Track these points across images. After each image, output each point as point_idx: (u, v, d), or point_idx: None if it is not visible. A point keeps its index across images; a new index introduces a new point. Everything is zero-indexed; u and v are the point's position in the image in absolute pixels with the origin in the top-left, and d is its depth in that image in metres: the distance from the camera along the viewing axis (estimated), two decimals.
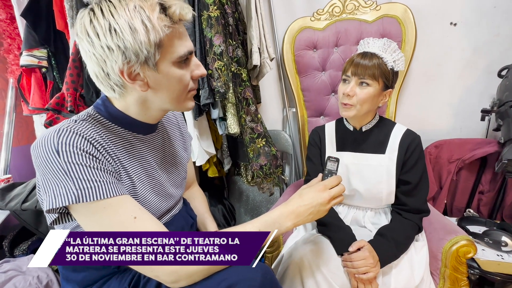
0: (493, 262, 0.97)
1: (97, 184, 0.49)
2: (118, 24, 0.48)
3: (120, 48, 0.48)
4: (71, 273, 0.63)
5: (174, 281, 0.51)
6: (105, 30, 0.48)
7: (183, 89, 0.57)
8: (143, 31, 0.48)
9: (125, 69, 0.50)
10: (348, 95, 0.82)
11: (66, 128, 0.50)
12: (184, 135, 0.81)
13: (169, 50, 0.52)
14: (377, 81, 0.81)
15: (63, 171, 0.48)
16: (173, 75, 0.54)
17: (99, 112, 0.58)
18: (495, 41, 1.23)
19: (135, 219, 0.51)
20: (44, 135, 0.50)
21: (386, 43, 0.83)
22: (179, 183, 0.74)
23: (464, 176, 1.31)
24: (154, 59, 0.51)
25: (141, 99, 0.56)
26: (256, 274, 0.52)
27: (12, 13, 1.44)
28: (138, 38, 0.48)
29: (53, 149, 0.48)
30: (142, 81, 0.53)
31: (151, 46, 0.49)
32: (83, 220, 0.51)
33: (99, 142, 0.53)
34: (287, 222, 0.57)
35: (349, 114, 0.85)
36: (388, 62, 0.81)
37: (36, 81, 1.38)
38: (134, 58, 0.49)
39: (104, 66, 0.51)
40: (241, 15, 1.33)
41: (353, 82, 0.82)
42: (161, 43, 0.50)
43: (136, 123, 0.60)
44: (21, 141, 1.73)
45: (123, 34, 0.48)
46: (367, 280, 0.73)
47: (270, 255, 1.01)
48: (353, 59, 0.83)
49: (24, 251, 1.27)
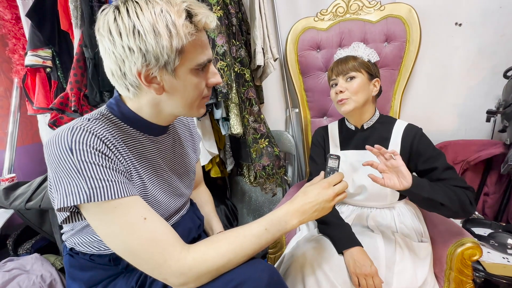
0: (498, 265, 0.95)
1: (109, 183, 0.49)
2: (142, 26, 0.47)
3: (141, 50, 0.48)
4: (78, 272, 0.64)
5: (183, 283, 0.51)
6: (128, 31, 0.48)
7: (198, 96, 0.57)
8: (167, 36, 0.48)
9: (143, 71, 0.50)
10: (340, 92, 0.89)
11: (80, 127, 0.50)
12: (194, 136, 0.82)
13: (189, 57, 0.52)
14: (360, 72, 0.89)
15: (76, 170, 0.48)
16: (190, 82, 0.54)
17: (112, 112, 0.59)
18: (500, 42, 1.22)
19: (145, 220, 0.51)
20: (57, 133, 0.50)
21: (355, 45, 0.94)
22: (188, 184, 0.74)
23: (469, 177, 1.29)
24: (173, 65, 0.51)
25: (155, 101, 0.56)
26: (262, 274, 0.52)
27: (18, 14, 1.45)
28: (161, 42, 0.48)
29: (66, 147, 0.48)
30: (158, 84, 0.53)
31: (173, 52, 0.49)
32: (93, 219, 0.51)
33: (111, 142, 0.53)
34: (293, 220, 0.57)
35: (348, 107, 0.89)
36: (363, 56, 0.91)
37: (40, 81, 1.39)
38: (154, 61, 0.49)
39: (122, 65, 0.51)
40: (245, 15, 1.33)
41: (340, 80, 0.90)
42: (182, 49, 0.50)
43: (148, 125, 0.61)
44: (26, 141, 1.74)
45: (146, 37, 0.47)
46: (369, 274, 0.73)
47: (273, 256, 1.01)
48: (332, 66, 0.93)
49: (28, 250, 1.28)
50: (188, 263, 0.50)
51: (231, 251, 0.52)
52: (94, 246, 0.60)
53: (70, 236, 0.62)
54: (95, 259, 0.61)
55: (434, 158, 0.83)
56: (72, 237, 0.62)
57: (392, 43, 1.21)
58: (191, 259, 0.50)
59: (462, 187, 0.78)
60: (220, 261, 0.51)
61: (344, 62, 0.90)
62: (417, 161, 0.86)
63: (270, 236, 0.55)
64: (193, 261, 0.50)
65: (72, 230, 0.61)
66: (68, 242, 0.64)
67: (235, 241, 0.53)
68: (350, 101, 0.88)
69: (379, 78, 0.93)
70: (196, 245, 0.53)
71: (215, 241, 0.53)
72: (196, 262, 0.50)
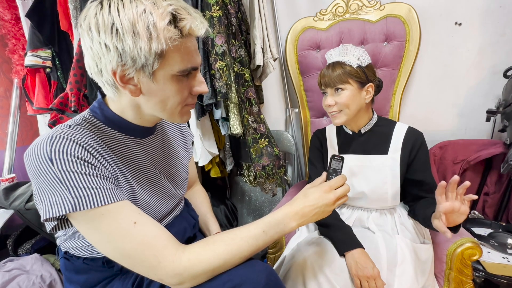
0: (498, 265, 0.95)
1: (93, 191, 0.48)
2: (122, 24, 0.45)
3: (117, 49, 0.46)
4: (74, 275, 0.63)
5: (178, 283, 0.50)
6: (106, 27, 0.45)
7: (179, 103, 0.54)
8: (146, 38, 0.45)
9: (118, 70, 0.48)
10: (329, 105, 0.87)
11: (59, 135, 0.48)
12: (185, 134, 0.80)
13: (170, 62, 0.49)
14: (348, 83, 0.84)
15: (58, 180, 0.47)
16: (170, 88, 0.51)
17: (95, 116, 0.57)
18: (500, 41, 1.22)
19: (135, 224, 0.50)
20: (36, 143, 0.48)
21: (343, 47, 0.88)
22: (180, 184, 0.73)
23: (469, 177, 1.29)
24: (151, 68, 0.48)
25: (134, 103, 0.55)
26: (260, 275, 0.51)
27: (17, 14, 1.45)
28: (139, 44, 0.45)
29: (46, 158, 0.46)
30: (135, 86, 0.51)
31: (151, 55, 0.47)
32: (82, 227, 0.50)
33: (94, 148, 0.52)
34: (292, 223, 0.56)
35: (340, 120, 0.88)
36: (352, 62, 0.84)
37: (40, 81, 1.39)
38: (131, 62, 0.47)
39: (99, 62, 0.49)
40: (244, 15, 1.33)
41: (329, 92, 0.88)
42: (163, 54, 0.47)
43: (133, 127, 0.59)
44: (25, 141, 1.74)
45: (124, 36, 0.45)
46: (371, 276, 0.73)
47: (273, 256, 1.01)
48: (322, 73, 0.89)
49: (27, 250, 1.28)
50: (183, 264, 0.49)
51: (227, 252, 0.51)
52: (87, 250, 0.60)
53: (63, 241, 0.62)
54: (88, 263, 0.61)
55: (427, 171, 0.87)
56: (65, 242, 0.62)
57: (391, 43, 1.21)
58: (186, 260, 0.50)
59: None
60: (216, 262, 0.50)
61: (331, 71, 0.85)
62: (411, 168, 0.87)
63: (268, 238, 0.55)
64: (188, 262, 0.50)
65: (65, 235, 0.61)
66: (62, 246, 0.64)
67: (232, 242, 0.52)
68: (341, 114, 0.86)
69: (373, 82, 0.88)
70: (191, 246, 0.52)
71: (212, 242, 0.53)
72: (191, 263, 0.50)
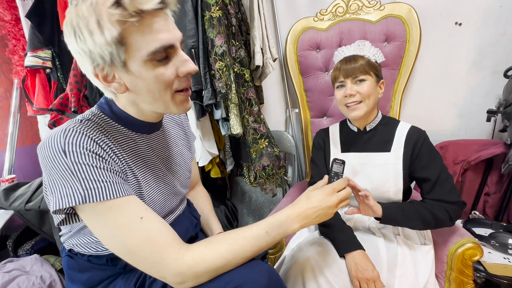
0: (499, 265, 0.95)
1: (103, 184, 0.49)
2: (79, 26, 0.45)
3: (86, 52, 0.46)
4: (76, 273, 0.64)
5: (180, 282, 0.50)
6: (72, 34, 0.47)
7: (164, 89, 0.52)
8: (98, 30, 0.44)
9: (97, 72, 0.49)
10: (350, 95, 0.84)
11: (72, 128, 0.50)
12: (188, 135, 0.81)
13: (134, 47, 0.47)
14: (370, 75, 0.84)
15: (70, 171, 0.48)
16: (147, 75, 0.49)
17: (103, 112, 0.58)
18: (501, 41, 1.22)
19: (141, 219, 0.50)
20: (50, 135, 0.50)
21: (360, 43, 0.88)
22: (183, 182, 0.74)
23: (470, 177, 1.29)
24: (119, 59, 0.47)
25: (131, 99, 0.55)
26: (262, 276, 0.51)
27: (17, 15, 1.45)
28: (96, 39, 0.45)
29: (59, 149, 0.48)
30: (119, 83, 0.51)
31: (111, 45, 0.45)
32: (90, 220, 0.51)
33: (105, 142, 0.53)
34: (294, 224, 0.56)
35: (360, 112, 0.85)
36: (370, 57, 0.85)
37: (40, 81, 1.39)
38: (101, 60, 0.47)
39: (83, 69, 0.50)
40: (244, 16, 1.33)
41: (349, 83, 0.85)
42: (121, 40, 0.45)
43: (138, 123, 0.60)
44: (26, 142, 1.74)
45: (84, 36, 0.45)
46: (371, 279, 0.72)
47: (273, 256, 1.01)
48: (338, 66, 0.87)
49: (27, 251, 1.28)
50: (187, 263, 0.49)
51: (230, 252, 0.51)
52: (92, 247, 0.60)
53: (68, 238, 0.62)
54: (92, 260, 0.61)
55: (431, 167, 0.83)
56: (70, 239, 0.62)
57: (392, 43, 1.21)
58: (189, 258, 0.50)
59: (449, 201, 0.79)
60: (219, 261, 0.51)
61: (353, 62, 0.83)
62: (416, 166, 0.86)
63: (270, 239, 0.55)
64: (192, 261, 0.50)
65: (70, 232, 0.61)
66: (66, 243, 0.64)
67: (235, 242, 0.53)
68: (362, 105, 0.84)
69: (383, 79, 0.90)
70: (195, 245, 0.53)
71: (215, 241, 0.53)
72: (194, 261, 0.50)
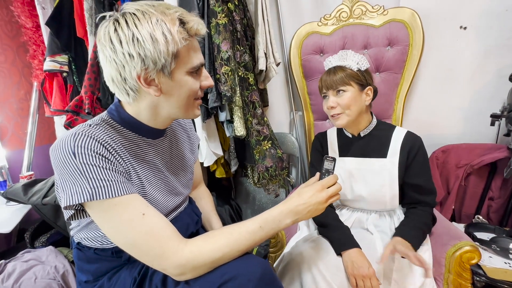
0: (500, 270, 0.95)
1: (109, 183, 0.53)
2: (141, 34, 0.52)
3: (140, 55, 0.53)
4: (85, 264, 0.69)
5: (180, 274, 0.55)
6: (128, 39, 0.52)
7: (191, 96, 0.62)
8: (163, 41, 0.52)
9: (142, 74, 0.55)
10: (331, 107, 0.89)
11: (82, 132, 0.55)
12: (192, 138, 0.86)
13: (184, 60, 0.57)
14: (350, 85, 0.88)
15: (79, 171, 0.52)
16: (185, 83, 0.59)
17: (112, 117, 0.63)
18: (506, 45, 1.21)
19: (144, 215, 0.55)
20: (61, 139, 0.55)
21: (343, 53, 0.93)
22: (185, 183, 0.78)
23: (473, 181, 1.28)
24: (169, 68, 0.55)
25: (153, 104, 0.61)
26: (256, 269, 0.55)
27: (38, 22, 1.54)
28: (158, 47, 0.52)
29: (69, 151, 0.52)
30: (156, 86, 0.57)
31: (169, 56, 0.54)
32: (96, 216, 0.56)
33: (110, 145, 0.57)
34: (286, 220, 0.60)
35: (342, 122, 0.90)
36: (352, 66, 0.88)
37: (57, 84, 1.47)
38: (152, 65, 0.54)
39: (122, 71, 0.55)
40: (250, 21, 1.36)
41: (330, 95, 0.90)
42: (178, 53, 0.55)
43: (146, 128, 0.65)
44: (43, 141, 1.84)
45: (144, 44, 0.52)
46: (366, 276, 0.74)
47: (274, 255, 1.04)
48: (322, 77, 0.92)
49: (43, 243, 1.35)
50: (186, 256, 0.54)
51: (226, 245, 0.55)
52: (98, 240, 0.65)
53: (77, 232, 0.68)
54: (99, 252, 0.66)
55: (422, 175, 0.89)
56: (78, 233, 0.67)
57: (395, 47, 1.22)
58: (188, 252, 0.54)
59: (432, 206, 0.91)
60: (216, 254, 0.54)
61: (332, 74, 0.88)
62: (409, 173, 0.89)
63: (264, 234, 0.59)
64: (190, 254, 0.54)
65: (78, 226, 0.66)
66: (75, 237, 0.69)
67: (231, 236, 0.56)
68: (343, 115, 0.89)
69: (372, 85, 0.92)
70: (193, 240, 0.57)
71: (212, 236, 0.57)
72: (193, 254, 0.54)
